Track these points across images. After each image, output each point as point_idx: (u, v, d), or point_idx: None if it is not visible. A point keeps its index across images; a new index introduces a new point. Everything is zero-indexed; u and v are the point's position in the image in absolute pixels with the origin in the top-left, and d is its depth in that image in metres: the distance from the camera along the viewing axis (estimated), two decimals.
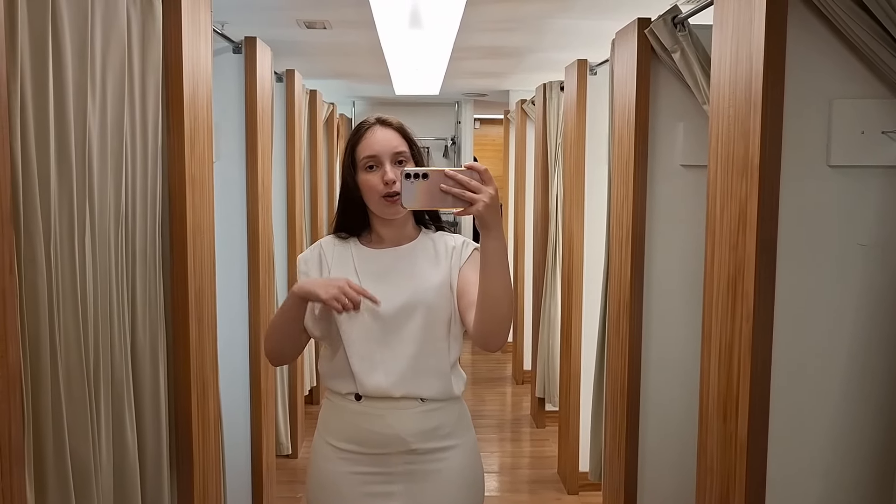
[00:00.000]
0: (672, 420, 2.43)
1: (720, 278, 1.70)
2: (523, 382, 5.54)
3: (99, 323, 1.58)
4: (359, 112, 7.56)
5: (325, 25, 3.49)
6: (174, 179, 1.93)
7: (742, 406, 1.59)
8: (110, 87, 1.62)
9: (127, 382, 1.70)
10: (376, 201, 1.58)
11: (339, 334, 1.59)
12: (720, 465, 1.69)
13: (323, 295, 1.47)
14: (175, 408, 1.98)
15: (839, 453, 1.61)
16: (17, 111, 1.29)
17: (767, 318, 1.55)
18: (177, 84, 1.91)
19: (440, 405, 1.61)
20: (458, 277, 1.60)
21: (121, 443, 1.68)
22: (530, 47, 4.10)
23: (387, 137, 1.59)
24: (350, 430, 1.61)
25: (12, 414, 1.20)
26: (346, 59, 4.63)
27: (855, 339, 1.59)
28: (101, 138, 1.59)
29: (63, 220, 1.44)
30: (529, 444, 4.52)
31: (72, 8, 1.46)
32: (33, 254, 1.34)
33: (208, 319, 2.16)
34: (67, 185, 1.45)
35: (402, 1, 3.04)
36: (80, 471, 1.48)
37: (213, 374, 2.21)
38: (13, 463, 1.20)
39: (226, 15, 3.12)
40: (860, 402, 1.59)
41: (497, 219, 1.36)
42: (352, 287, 1.47)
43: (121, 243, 1.68)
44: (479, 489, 1.69)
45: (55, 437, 1.40)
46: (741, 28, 1.58)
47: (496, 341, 1.48)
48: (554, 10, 3.15)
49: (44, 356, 1.37)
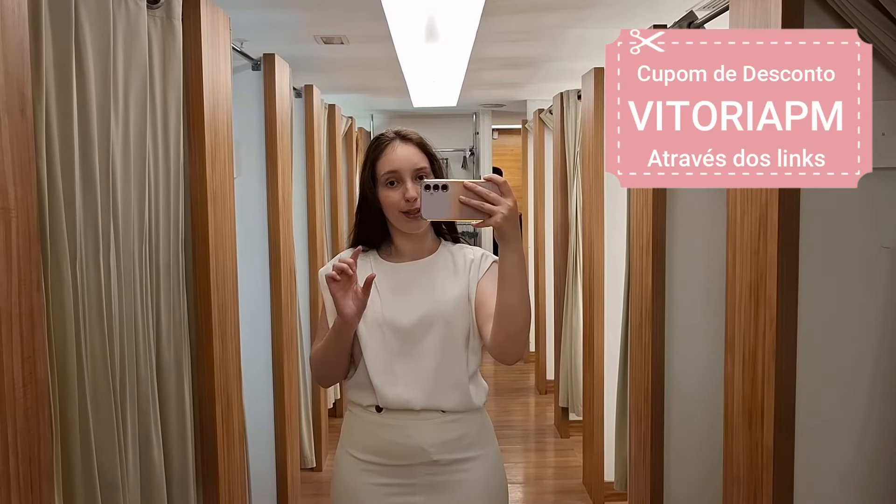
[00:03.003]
0: (697, 428, 2.40)
1: (742, 284, 1.68)
2: (546, 392, 5.51)
3: (124, 339, 1.60)
4: (377, 125, 7.60)
5: (343, 41, 3.52)
6: (196, 196, 1.96)
7: (767, 412, 1.57)
8: (133, 106, 1.65)
9: (152, 398, 1.72)
10: (396, 216, 1.59)
11: (360, 347, 1.60)
12: (746, 472, 1.67)
13: (336, 295, 1.49)
14: (200, 422, 1.99)
15: (868, 458, 1.58)
16: (43, 132, 1.32)
17: (791, 323, 1.54)
18: (197, 102, 1.94)
19: (461, 416, 1.61)
20: (476, 290, 1.60)
21: (147, 457, 1.69)
22: (547, 57, 4.11)
23: (407, 154, 1.59)
24: (372, 442, 1.61)
25: (41, 430, 1.22)
26: (363, 74, 4.66)
27: (881, 341, 1.56)
28: (125, 157, 1.62)
29: (88, 238, 1.47)
30: (554, 454, 4.49)
31: (94, 29, 1.49)
32: (59, 272, 1.37)
33: (231, 334, 2.18)
34: (92, 204, 1.47)
35: (418, 14, 3.06)
36: (107, 486, 1.50)
37: (237, 388, 2.22)
38: (42, 478, 1.22)
39: (244, 33, 3.16)
40: (888, 407, 1.57)
41: (516, 231, 1.36)
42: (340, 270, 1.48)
43: (145, 260, 1.71)
44: (502, 500, 1.68)
45: (83, 453, 1.42)
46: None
47: (512, 354, 1.47)
48: (570, 19, 3.16)
49: (71, 372, 1.39)
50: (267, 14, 2.98)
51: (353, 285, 1.50)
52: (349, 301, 1.49)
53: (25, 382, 1.17)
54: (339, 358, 1.60)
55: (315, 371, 1.68)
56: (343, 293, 1.49)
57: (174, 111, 1.84)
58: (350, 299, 1.49)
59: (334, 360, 1.61)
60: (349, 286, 1.49)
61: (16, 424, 1.14)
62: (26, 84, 1.18)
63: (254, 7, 2.84)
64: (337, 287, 1.48)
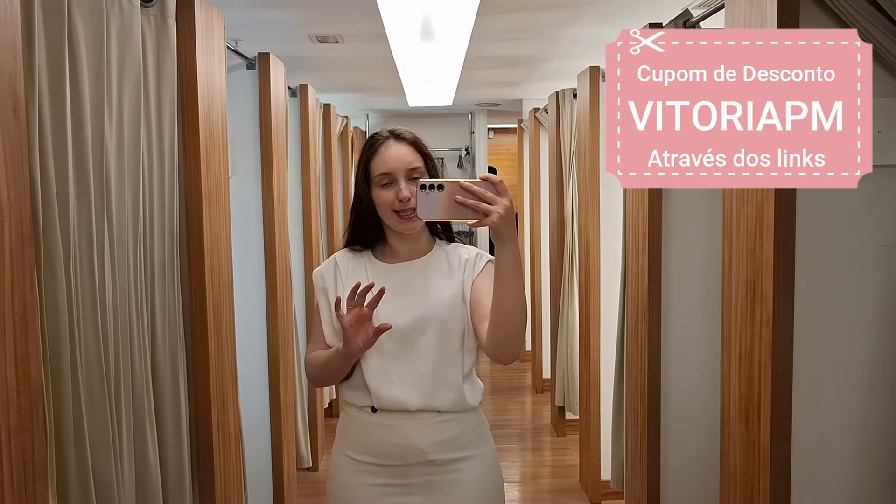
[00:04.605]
0: (694, 426, 2.40)
1: (738, 282, 1.68)
2: (543, 391, 5.51)
3: (119, 339, 1.59)
4: (373, 125, 7.59)
5: (338, 40, 3.51)
6: (191, 195, 1.95)
7: (764, 410, 1.57)
8: (127, 105, 1.64)
9: (147, 398, 1.71)
10: (390, 216, 1.58)
11: None
12: (743, 471, 1.67)
13: (347, 328, 1.47)
14: (196, 422, 1.98)
15: (865, 456, 1.58)
16: (36, 131, 1.31)
17: (787, 321, 1.54)
18: (192, 101, 1.93)
19: (456, 416, 1.61)
20: (471, 290, 1.59)
21: (142, 458, 1.69)
22: (542, 56, 4.11)
23: (401, 153, 1.58)
24: (368, 442, 1.61)
25: (35, 430, 1.21)
26: (359, 73, 4.65)
27: (878, 339, 1.57)
28: (119, 156, 1.61)
29: (82, 237, 1.46)
30: (550, 453, 4.49)
31: (87, 28, 1.48)
32: (53, 271, 1.36)
33: (227, 334, 2.17)
34: (86, 203, 1.46)
35: (413, 14, 3.06)
36: (102, 486, 1.49)
37: (232, 389, 2.22)
38: (36, 479, 1.21)
39: (239, 32, 3.15)
40: (885, 405, 1.57)
41: (512, 231, 1.36)
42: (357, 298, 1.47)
43: (139, 260, 1.70)
44: (499, 499, 1.68)
45: (77, 454, 1.41)
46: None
47: (508, 354, 1.47)
48: (565, 18, 3.16)
49: (65, 373, 1.38)
50: (262, 13, 2.97)
51: (367, 323, 1.48)
52: (359, 338, 1.48)
53: (19, 383, 1.16)
54: (338, 373, 1.60)
55: (311, 376, 1.68)
56: (355, 329, 1.48)
57: (168, 110, 1.83)
58: (360, 336, 1.48)
59: (333, 375, 1.61)
60: (364, 322, 1.48)
61: (9, 425, 1.14)
62: (19, 82, 1.17)
63: (249, 6, 2.83)
64: (350, 320, 1.47)
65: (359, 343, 1.49)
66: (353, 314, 1.46)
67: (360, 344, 1.49)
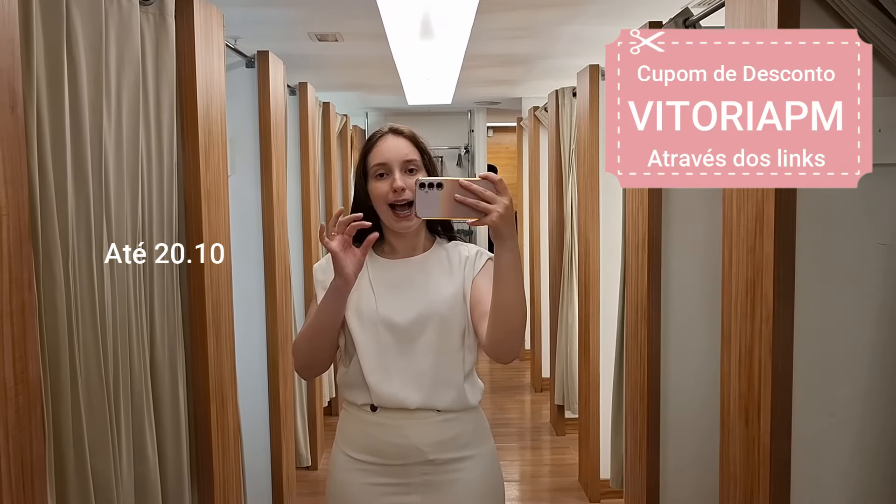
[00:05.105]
0: (693, 425, 2.40)
1: (738, 281, 1.68)
2: (542, 390, 5.52)
3: (118, 338, 1.59)
4: (372, 123, 7.59)
5: (337, 38, 3.51)
6: (190, 193, 1.95)
7: (764, 409, 1.57)
8: (125, 103, 1.64)
9: (146, 397, 1.71)
10: (385, 211, 1.58)
11: (353, 344, 1.59)
12: (743, 470, 1.67)
13: (336, 252, 1.46)
14: (195, 421, 1.98)
15: (865, 455, 1.58)
16: (34, 129, 1.31)
17: (787, 320, 1.54)
18: (191, 99, 1.93)
19: (456, 415, 1.61)
20: (471, 288, 1.59)
21: (141, 457, 1.68)
22: (542, 54, 4.10)
23: (398, 146, 1.59)
24: (367, 441, 1.60)
25: (33, 430, 1.21)
26: (358, 71, 4.65)
27: (878, 338, 1.56)
28: (117, 154, 1.61)
29: (81, 236, 1.45)
30: (550, 452, 4.49)
31: (86, 26, 1.48)
32: (51, 270, 1.35)
33: (226, 332, 2.17)
34: (84, 202, 1.46)
35: (413, 12, 3.05)
36: (101, 486, 1.49)
37: (231, 387, 2.21)
38: (35, 479, 1.21)
39: (238, 30, 3.14)
40: (885, 404, 1.57)
41: (511, 230, 1.35)
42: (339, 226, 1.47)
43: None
44: (498, 499, 1.68)
45: (76, 453, 1.41)
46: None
47: (508, 353, 1.47)
48: (565, 16, 3.15)
49: (63, 372, 1.38)
50: (261, 11, 2.97)
51: (351, 243, 1.48)
52: (348, 260, 1.48)
53: (17, 382, 1.16)
54: (328, 333, 1.56)
55: (298, 354, 1.61)
56: (343, 253, 1.47)
57: (167, 108, 1.83)
58: (349, 258, 1.48)
59: (322, 337, 1.56)
60: (349, 242, 1.48)
61: (7, 424, 1.13)
62: (17, 80, 1.17)
63: (247, 4, 2.82)
64: (338, 244, 1.46)
65: (349, 266, 1.48)
66: (337, 239, 1.46)
67: (350, 267, 1.48)
